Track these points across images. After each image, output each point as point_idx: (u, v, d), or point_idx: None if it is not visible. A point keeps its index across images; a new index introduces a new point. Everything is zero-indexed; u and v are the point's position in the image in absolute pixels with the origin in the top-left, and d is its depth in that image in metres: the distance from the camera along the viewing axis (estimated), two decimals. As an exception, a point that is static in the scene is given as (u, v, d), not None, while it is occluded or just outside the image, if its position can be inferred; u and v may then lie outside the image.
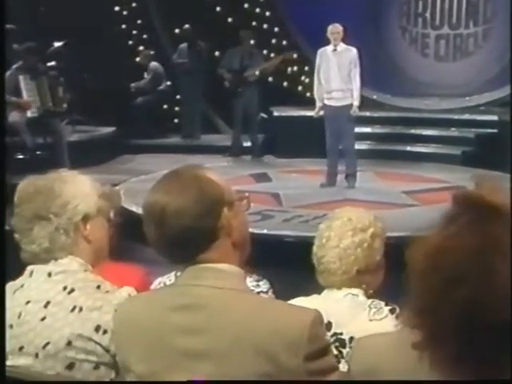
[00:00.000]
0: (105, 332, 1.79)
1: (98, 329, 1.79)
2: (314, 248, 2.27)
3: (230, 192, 1.62)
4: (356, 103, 8.00)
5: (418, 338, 1.25)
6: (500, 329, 1.18)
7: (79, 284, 1.85)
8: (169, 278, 2.53)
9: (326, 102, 8.13)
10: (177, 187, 1.57)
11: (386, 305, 2.15)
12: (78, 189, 1.93)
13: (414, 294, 1.27)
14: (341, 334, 2.12)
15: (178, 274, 2.46)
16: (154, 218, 1.58)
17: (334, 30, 8.07)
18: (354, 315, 2.14)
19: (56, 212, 1.88)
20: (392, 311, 2.12)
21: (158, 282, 2.55)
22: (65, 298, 1.83)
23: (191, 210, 1.55)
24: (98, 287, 1.86)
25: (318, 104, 8.21)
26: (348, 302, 2.20)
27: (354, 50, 8.08)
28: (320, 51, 8.25)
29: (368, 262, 2.23)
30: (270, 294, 2.52)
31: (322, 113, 8.25)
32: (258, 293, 2.42)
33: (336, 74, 8.04)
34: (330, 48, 8.15)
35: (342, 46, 8.10)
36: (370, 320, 2.12)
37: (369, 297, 2.25)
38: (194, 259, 1.58)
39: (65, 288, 1.85)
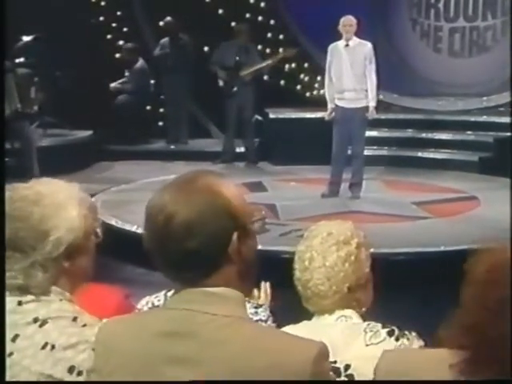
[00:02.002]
0: (79, 374, 1.75)
1: (71, 370, 1.75)
2: (297, 273, 2.26)
3: (244, 213, 1.60)
4: (373, 104, 8.01)
5: (459, 358, 1.25)
6: None
7: (53, 315, 1.80)
8: (157, 298, 2.53)
9: (337, 102, 8.12)
10: (188, 201, 1.54)
11: (383, 327, 2.15)
12: (61, 215, 1.82)
13: (468, 308, 1.27)
14: (335, 362, 2.11)
15: (169, 293, 2.48)
16: (158, 229, 1.55)
17: (347, 22, 8.06)
18: (349, 341, 2.14)
19: (33, 245, 1.79)
20: (390, 333, 2.12)
21: (145, 302, 2.56)
22: (35, 332, 1.78)
23: (200, 232, 1.53)
24: (74, 319, 1.80)
25: (330, 105, 8.20)
26: (341, 326, 2.20)
27: (368, 45, 8.08)
28: (331, 47, 8.25)
29: (358, 276, 2.24)
30: (269, 322, 2.52)
31: (320, 114, 8.26)
32: (257, 321, 2.42)
33: (348, 72, 8.04)
34: (341, 43, 8.14)
35: (355, 41, 8.09)
36: (367, 345, 2.12)
37: (361, 316, 2.25)
38: (193, 282, 1.57)
39: (36, 320, 1.79)
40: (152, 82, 11.36)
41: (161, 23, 11.26)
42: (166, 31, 11.01)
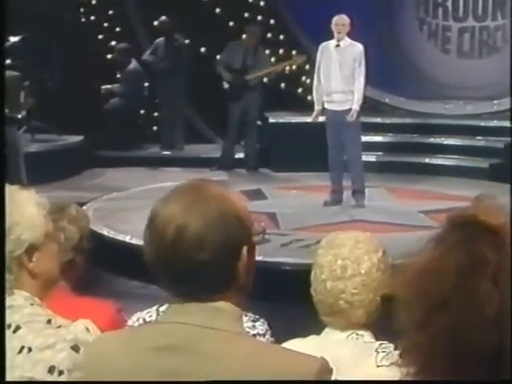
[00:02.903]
0: (60, 373, 1.80)
1: (51, 370, 1.80)
2: (327, 285, 2.23)
3: (251, 224, 1.61)
4: (355, 107, 8.03)
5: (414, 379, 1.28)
6: (489, 354, 1.22)
7: (26, 320, 1.86)
8: (149, 314, 2.54)
9: (326, 105, 8.19)
10: (200, 211, 1.54)
11: (396, 348, 2.15)
12: (21, 213, 1.90)
13: (401, 328, 1.30)
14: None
15: (161, 309, 2.48)
16: (167, 242, 1.54)
17: (339, 21, 8.13)
18: (359, 360, 2.14)
19: None
20: None
21: (136, 318, 2.56)
22: (10, 338, 1.83)
23: (212, 243, 1.53)
24: (49, 322, 1.87)
25: (317, 107, 8.27)
26: (352, 344, 2.20)
27: (359, 47, 8.14)
28: (321, 46, 8.32)
29: (386, 285, 2.25)
30: (267, 337, 2.52)
31: (322, 118, 8.29)
32: (254, 335, 2.42)
33: (337, 74, 8.10)
34: (332, 43, 8.22)
35: (346, 41, 8.16)
36: (378, 366, 2.12)
37: (373, 334, 2.25)
38: (197, 297, 1.57)
39: (9, 326, 1.85)
40: (146, 84, 11.37)
41: (155, 23, 11.28)
42: (161, 31, 11.03)
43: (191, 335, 1.54)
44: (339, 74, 8.10)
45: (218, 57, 10.48)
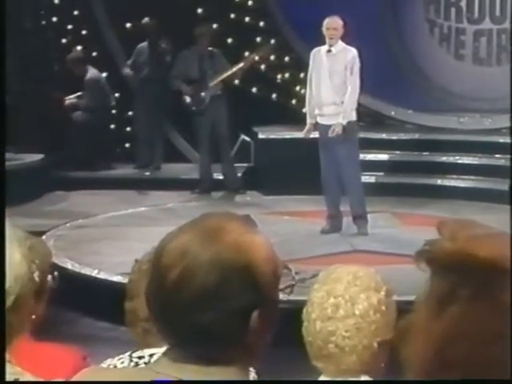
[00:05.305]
0: None
1: None
2: (316, 324, 2.24)
3: (272, 285, 1.59)
4: (341, 121, 7.98)
5: None
6: None
7: None
8: (121, 361, 2.53)
9: (319, 119, 8.21)
10: (211, 261, 1.52)
11: None
12: (7, 259, 1.84)
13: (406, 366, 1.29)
14: None
15: (134, 354, 2.49)
16: (166, 286, 1.54)
17: (331, 24, 8.14)
18: None
19: None
20: None
21: (106, 366, 2.55)
22: None
23: (215, 305, 1.52)
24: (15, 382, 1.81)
25: (309, 121, 8.29)
26: None
27: (352, 52, 8.14)
28: (313, 52, 8.36)
29: (388, 330, 2.25)
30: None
31: (314, 134, 8.30)
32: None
33: (327, 83, 8.12)
34: (324, 48, 8.24)
35: (338, 46, 8.17)
36: None
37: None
38: (194, 356, 1.57)
39: None
40: (116, 95, 11.37)
41: (128, 25, 11.31)
42: (140, 35, 11.02)
43: None
44: (329, 83, 8.11)
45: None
